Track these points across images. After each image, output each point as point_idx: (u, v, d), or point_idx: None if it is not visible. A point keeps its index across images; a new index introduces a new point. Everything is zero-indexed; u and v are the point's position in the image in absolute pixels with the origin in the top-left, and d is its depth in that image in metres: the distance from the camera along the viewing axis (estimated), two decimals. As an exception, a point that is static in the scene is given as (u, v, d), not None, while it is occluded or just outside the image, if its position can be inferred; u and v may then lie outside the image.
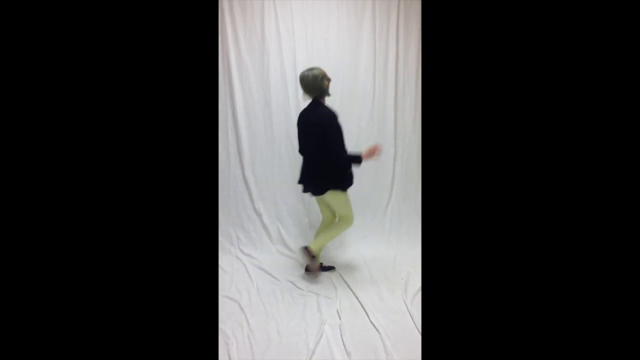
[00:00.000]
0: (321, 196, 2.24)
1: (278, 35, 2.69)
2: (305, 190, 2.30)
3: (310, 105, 2.17)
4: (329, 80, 2.15)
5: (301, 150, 2.28)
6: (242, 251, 2.71)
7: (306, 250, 2.25)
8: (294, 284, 2.29)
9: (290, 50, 2.72)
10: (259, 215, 2.86)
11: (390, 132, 2.90)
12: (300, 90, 2.77)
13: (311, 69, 2.11)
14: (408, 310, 1.99)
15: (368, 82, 2.83)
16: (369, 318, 1.90)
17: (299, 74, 2.74)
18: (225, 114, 2.77)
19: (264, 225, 2.85)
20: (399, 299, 2.10)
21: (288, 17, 2.68)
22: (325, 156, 2.08)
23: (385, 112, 2.88)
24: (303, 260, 2.49)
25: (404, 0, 2.76)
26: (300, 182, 2.30)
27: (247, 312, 1.96)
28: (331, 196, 2.20)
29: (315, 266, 2.36)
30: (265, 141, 2.81)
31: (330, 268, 2.45)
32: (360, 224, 2.86)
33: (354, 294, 2.16)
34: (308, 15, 2.69)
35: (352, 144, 2.84)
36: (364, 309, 2.00)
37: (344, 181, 2.19)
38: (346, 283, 2.28)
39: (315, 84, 2.09)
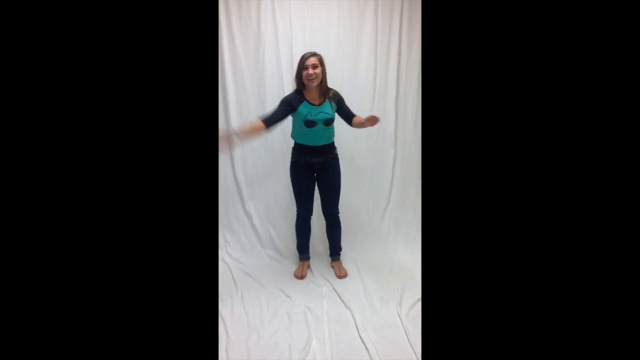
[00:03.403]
0: None
1: (275, 28, 2.55)
2: None
3: None
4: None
5: None
6: (229, 255, 2.58)
7: None
8: (282, 291, 2.15)
9: (287, 44, 2.58)
10: (249, 216, 2.72)
11: (390, 133, 2.76)
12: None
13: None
14: (402, 324, 1.85)
15: (368, 80, 2.70)
16: (358, 333, 1.76)
17: (295, 70, 2.62)
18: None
19: (254, 228, 2.71)
20: (393, 311, 1.96)
21: (286, 9, 2.54)
22: None
23: (385, 112, 2.74)
24: None
25: (409, -4, 2.63)
26: None
27: (228, 323, 1.83)
28: None
29: None
30: (258, 138, 2.67)
31: None
32: (355, 229, 2.73)
33: (344, 304, 2.03)
34: (307, 7, 2.55)
35: (351, 143, 2.73)
36: (354, 321, 1.86)
37: None
38: (336, 292, 2.14)
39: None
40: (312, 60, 2.01)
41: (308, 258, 2.46)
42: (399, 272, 2.40)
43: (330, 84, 2.64)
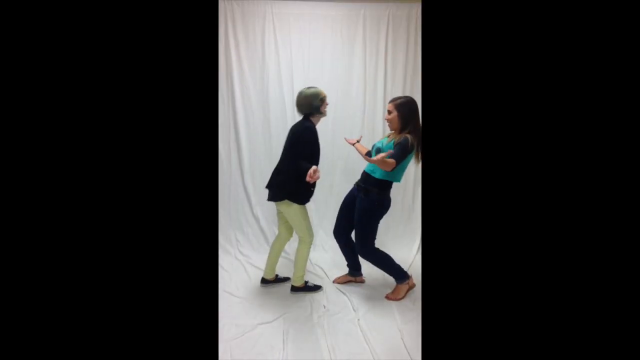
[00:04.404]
0: (279, 208, 2.25)
1: (277, 58, 2.97)
2: (268, 197, 2.27)
3: (299, 120, 2.23)
4: (322, 100, 2.16)
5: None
6: (241, 252, 2.97)
7: (294, 288, 2.38)
8: (285, 285, 2.53)
9: (288, 72, 3.00)
10: (257, 219, 3.12)
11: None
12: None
13: (309, 88, 2.17)
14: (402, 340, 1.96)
15: (359, 100, 3.09)
16: (360, 328, 2.05)
17: (296, 92, 3.00)
18: (227, 128, 3.04)
19: (261, 229, 3.11)
20: (394, 313, 2.17)
21: (286, 42, 2.96)
22: (286, 164, 2.13)
23: (374, 127, 3.14)
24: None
25: (392, 23, 3.02)
26: (267, 186, 2.28)
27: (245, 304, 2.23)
28: (286, 207, 2.19)
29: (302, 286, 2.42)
30: (264, 152, 3.08)
31: (316, 288, 2.44)
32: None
33: (344, 294, 2.41)
34: (305, 40, 2.98)
35: (343, 157, 3.11)
36: (355, 313, 2.18)
37: (301, 195, 2.16)
38: (340, 290, 2.52)
39: (304, 101, 2.14)
40: (388, 106, 2.15)
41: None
42: (393, 282, 2.55)
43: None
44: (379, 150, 2.10)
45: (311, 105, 2.15)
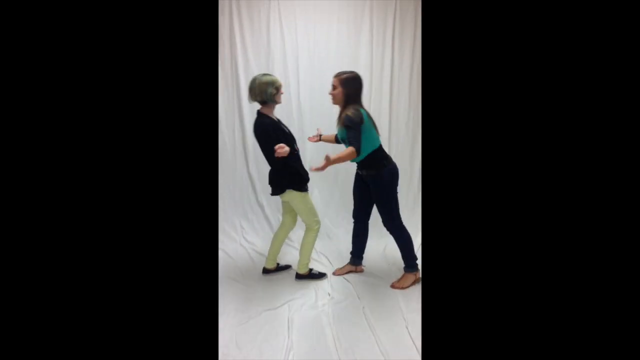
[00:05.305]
0: (284, 199, 2.27)
1: (283, 45, 2.94)
2: (271, 193, 2.31)
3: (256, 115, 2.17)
4: (277, 89, 2.10)
5: None
6: (245, 239, 2.99)
7: (298, 276, 2.40)
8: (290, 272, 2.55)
9: (293, 59, 2.97)
10: (261, 207, 3.13)
11: (384, 133, 3.13)
12: (302, 94, 3.01)
13: (264, 75, 2.10)
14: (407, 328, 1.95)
15: (365, 87, 3.04)
16: (364, 315, 2.05)
17: (301, 79, 2.99)
18: (232, 115, 3.02)
19: (265, 217, 3.12)
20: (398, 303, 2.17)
21: (292, 27, 2.93)
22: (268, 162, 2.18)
23: (380, 114, 3.13)
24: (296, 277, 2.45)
25: (400, 11, 2.99)
26: (269, 183, 2.32)
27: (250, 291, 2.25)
28: (289, 197, 2.22)
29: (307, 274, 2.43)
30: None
31: (321, 275, 2.45)
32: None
33: (348, 281, 2.42)
34: (310, 26, 2.94)
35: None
36: (358, 298, 2.21)
37: (296, 180, 2.19)
38: (344, 278, 2.54)
39: (258, 89, 2.07)
40: (333, 81, 2.12)
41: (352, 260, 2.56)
42: (397, 271, 2.59)
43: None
44: (342, 140, 2.16)
45: (265, 92, 2.08)
